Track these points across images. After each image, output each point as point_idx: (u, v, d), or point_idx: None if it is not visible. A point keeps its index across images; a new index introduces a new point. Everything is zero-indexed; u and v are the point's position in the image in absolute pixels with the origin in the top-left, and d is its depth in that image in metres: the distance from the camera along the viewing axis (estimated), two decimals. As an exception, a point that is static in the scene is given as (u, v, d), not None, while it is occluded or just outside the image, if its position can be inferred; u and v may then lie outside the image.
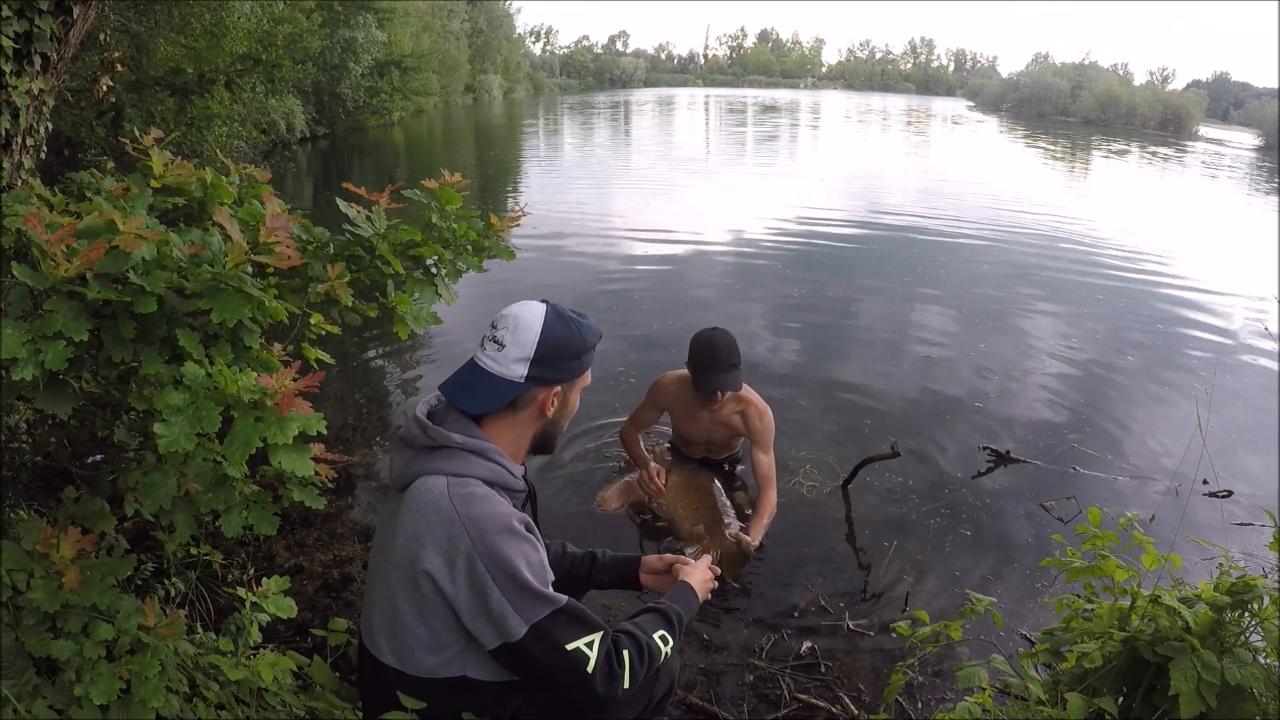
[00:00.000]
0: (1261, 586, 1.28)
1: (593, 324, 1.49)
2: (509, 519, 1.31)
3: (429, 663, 1.34)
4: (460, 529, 1.27)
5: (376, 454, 3.33)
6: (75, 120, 5.85)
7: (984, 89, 78.67)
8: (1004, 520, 3.04)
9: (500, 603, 1.26)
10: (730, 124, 32.09)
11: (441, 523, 1.28)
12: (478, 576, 1.26)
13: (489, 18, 44.27)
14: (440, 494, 1.30)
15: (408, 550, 1.30)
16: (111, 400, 1.73)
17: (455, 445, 1.36)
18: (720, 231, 8.41)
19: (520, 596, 1.27)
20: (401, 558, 1.31)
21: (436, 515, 1.29)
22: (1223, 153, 31.87)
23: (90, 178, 1.78)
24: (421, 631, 1.33)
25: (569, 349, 1.43)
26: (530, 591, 1.28)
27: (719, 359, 2.65)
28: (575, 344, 1.44)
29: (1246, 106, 62.89)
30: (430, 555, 1.28)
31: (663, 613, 1.49)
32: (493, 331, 1.42)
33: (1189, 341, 5.49)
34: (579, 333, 1.45)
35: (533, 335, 1.39)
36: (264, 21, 9.95)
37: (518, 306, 1.43)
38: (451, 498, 1.30)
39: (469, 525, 1.27)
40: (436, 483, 1.32)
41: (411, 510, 1.31)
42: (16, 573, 1.28)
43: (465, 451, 1.36)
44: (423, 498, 1.31)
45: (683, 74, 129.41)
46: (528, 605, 1.28)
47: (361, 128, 21.10)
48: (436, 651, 1.34)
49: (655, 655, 1.40)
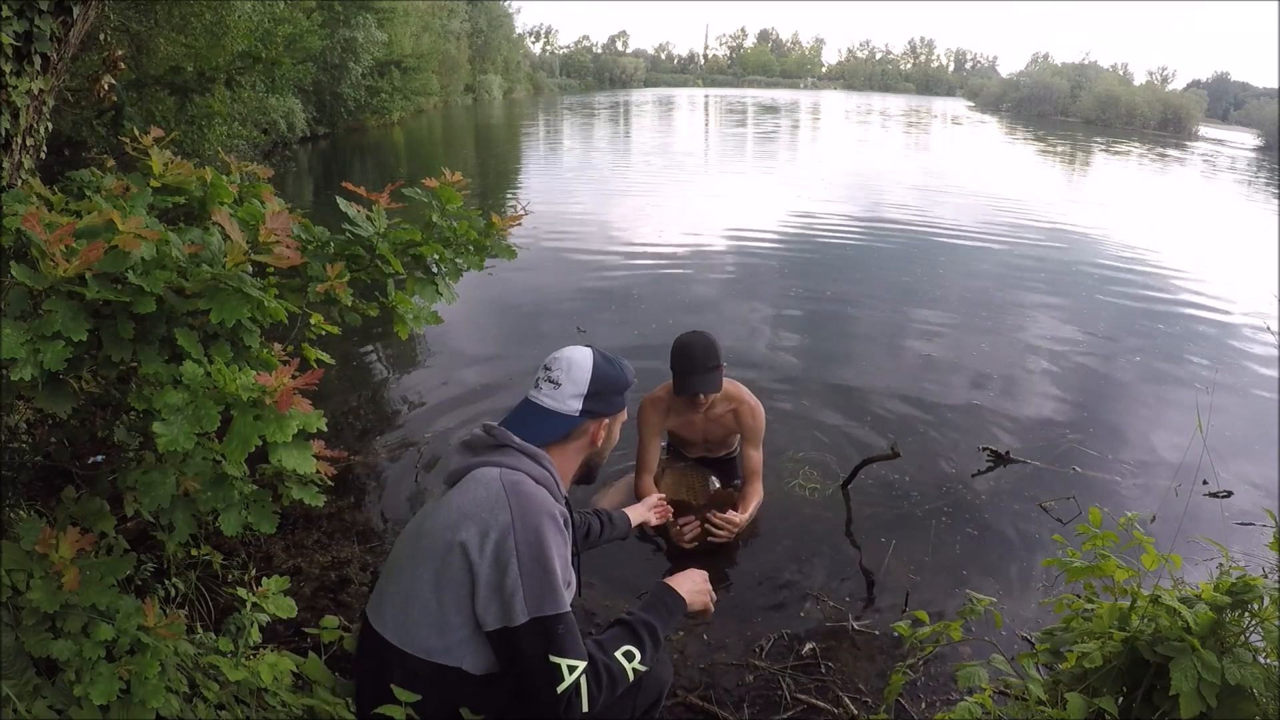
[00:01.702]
0: (1261, 586, 1.28)
1: (629, 366, 1.71)
2: (553, 507, 1.44)
3: (431, 642, 1.37)
4: (504, 505, 1.38)
5: (376, 454, 3.33)
6: (75, 120, 5.85)
7: (984, 89, 78.66)
8: (1004, 520, 3.04)
9: (515, 582, 1.33)
10: (730, 124, 32.09)
11: (488, 498, 1.39)
12: (505, 550, 1.34)
13: (489, 18, 44.29)
14: (493, 477, 1.43)
15: (448, 521, 1.39)
16: (111, 400, 1.73)
17: (514, 446, 1.52)
18: (720, 231, 8.41)
19: (536, 583, 1.34)
20: (440, 528, 1.40)
21: (485, 492, 1.41)
22: (1223, 153, 31.86)
23: (90, 176, 1.78)
24: (433, 605, 1.37)
25: (616, 385, 1.65)
26: (548, 581, 1.35)
27: (695, 362, 2.67)
28: (620, 381, 1.67)
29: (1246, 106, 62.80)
30: (469, 526, 1.37)
31: (629, 626, 1.50)
32: (546, 373, 1.61)
33: (1189, 341, 5.49)
34: (622, 372, 1.68)
35: (585, 374, 1.59)
36: (264, 21, 9.95)
37: (568, 350, 1.63)
38: (503, 480, 1.42)
39: (514, 502, 1.38)
40: (489, 470, 1.46)
41: (462, 490, 1.44)
42: (16, 573, 1.28)
43: (522, 454, 1.51)
44: (475, 480, 1.44)
45: (683, 74, 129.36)
46: (539, 595, 1.34)
47: (361, 128, 21.11)
48: (440, 632, 1.37)
49: (617, 675, 1.41)
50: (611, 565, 2.52)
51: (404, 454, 3.33)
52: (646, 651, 1.47)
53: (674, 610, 1.59)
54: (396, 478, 3.15)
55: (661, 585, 1.63)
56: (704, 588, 1.68)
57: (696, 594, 1.66)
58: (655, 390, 2.89)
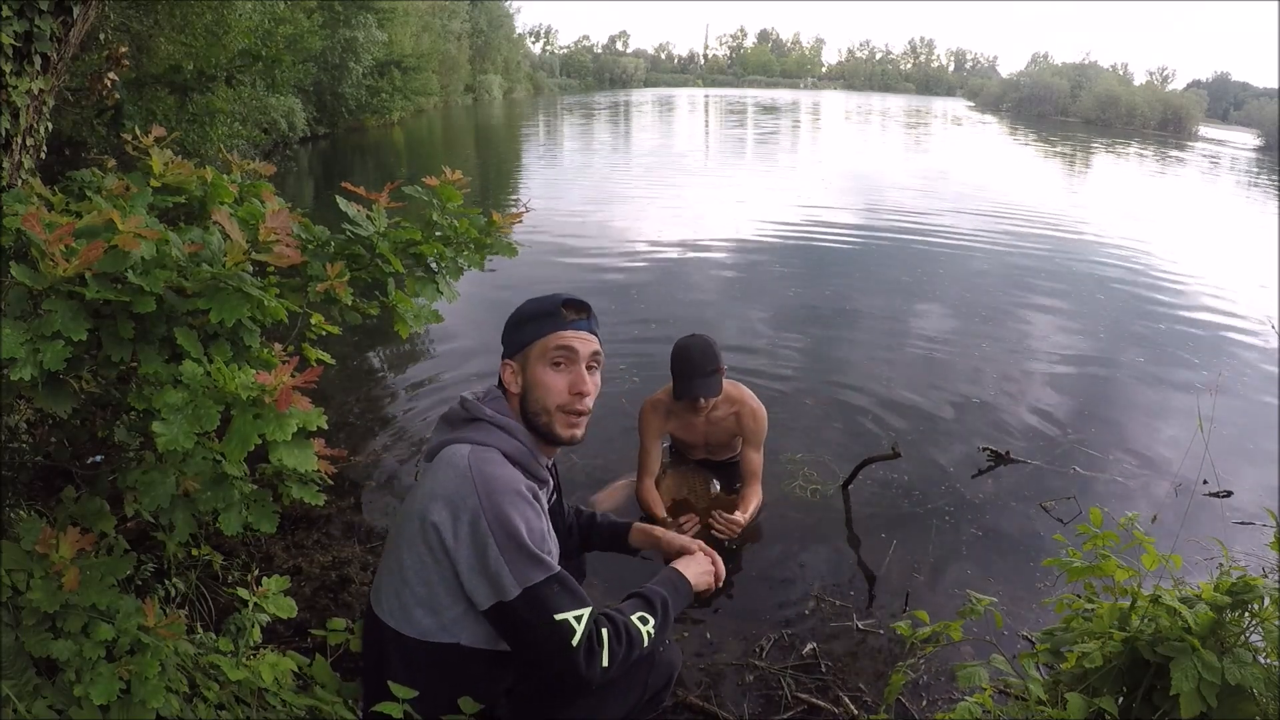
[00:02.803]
0: (1261, 586, 1.28)
1: (556, 294, 1.52)
2: (518, 483, 1.38)
3: (426, 623, 1.37)
4: (470, 487, 1.33)
5: (376, 453, 3.33)
6: (75, 120, 5.85)
7: (984, 89, 78.64)
8: (1004, 520, 3.04)
9: (498, 561, 1.31)
10: (730, 124, 32.08)
11: (455, 479, 1.35)
12: (480, 533, 1.31)
13: (489, 18, 44.29)
14: (461, 455, 1.38)
15: (421, 504, 1.36)
16: (111, 400, 1.73)
17: (485, 418, 1.45)
18: (720, 231, 8.41)
19: (517, 557, 1.32)
20: (414, 511, 1.37)
21: (453, 473, 1.36)
22: (1223, 153, 31.85)
23: (91, 176, 1.78)
24: (422, 589, 1.37)
25: (511, 320, 1.53)
26: (527, 553, 1.33)
27: (695, 366, 2.67)
28: (519, 314, 1.53)
29: (1246, 107, 62.77)
30: (439, 508, 1.34)
31: (644, 596, 1.52)
32: None
33: (1189, 341, 5.48)
34: (524, 304, 1.53)
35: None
36: (265, 21, 9.96)
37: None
38: (470, 459, 1.37)
39: (479, 483, 1.34)
40: (460, 448, 1.40)
41: (433, 471, 1.40)
42: (16, 573, 1.28)
43: (493, 425, 1.44)
44: (444, 459, 1.40)
45: (683, 74, 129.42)
46: (523, 567, 1.32)
47: (362, 127, 21.11)
48: (434, 612, 1.37)
49: (634, 635, 1.42)
50: (611, 565, 2.52)
51: (404, 453, 3.33)
52: (658, 619, 1.48)
53: (681, 589, 1.60)
54: (396, 477, 3.15)
55: (669, 568, 1.64)
56: (707, 568, 1.69)
57: (701, 575, 1.67)
58: (656, 393, 2.88)
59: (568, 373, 1.48)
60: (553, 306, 1.50)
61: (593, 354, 1.51)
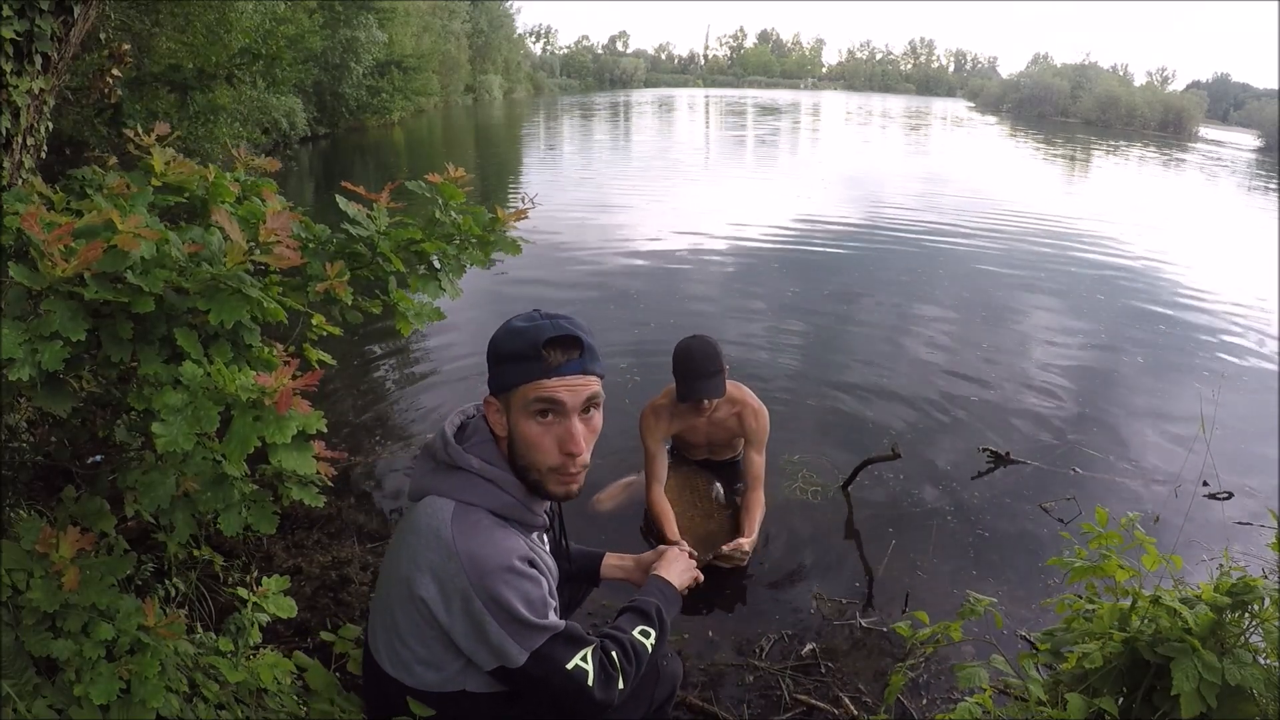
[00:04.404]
0: (1261, 587, 1.28)
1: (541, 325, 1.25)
2: (509, 556, 1.25)
3: (429, 678, 1.35)
4: (458, 566, 1.23)
5: (376, 454, 3.33)
6: (76, 119, 5.85)
7: (984, 90, 78.63)
8: (1004, 521, 3.04)
9: (500, 635, 1.26)
10: (730, 125, 32.08)
11: (440, 552, 1.24)
12: (474, 612, 1.24)
13: (489, 18, 44.28)
14: (443, 521, 1.25)
15: (406, 570, 1.29)
16: (111, 400, 1.73)
17: (472, 470, 1.29)
18: (720, 232, 8.40)
19: (519, 629, 1.26)
20: (401, 577, 1.30)
21: (436, 543, 1.25)
22: (1223, 154, 31.84)
23: (92, 174, 1.78)
24: (421, 650, 1.33)
25: (490, 351, 1.31)
26: (529, 625, 1.27)
27: (697, 367, 2.66)
28: (493, 345, 1.30)
29: (1246, 107, 62.80)
30: (426, 582, 1.25)
31: (638, 609, 1.51)
32: None
33: (1190, 342, 5.48)
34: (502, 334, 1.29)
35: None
36: (265, 21, 9.96)
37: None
38: (453, 528, 1.25)
39: (466, 563, 1.23)
40: (443, 507, 1.27)
41: (415, 532, 1.28)
42: (16, 572, 1.28)
43: (479, 478, 1.29)
44: (426, 521, 1.27)
45: (683, 74, 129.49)
46: (526, 635, 1.27)
47: (362, 127, 21.11)
48: (436, 669, 1.34)
49: (640, 650, 1.42)
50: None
51: (404, 454, 3.33)
52: (658, 630, 1.49)
53: (669, 595, 1.60)
54: (396, 478, 3.15)
55: (654, 576, 1.64)
56: (687, 565, 1.70)
57: (683, 574, 1.67)
58: (655, 398, 2.87)
59: (556, 426, 1.26)
60: (532, 349, 1.23)
61: (588, 399, 1.27)
